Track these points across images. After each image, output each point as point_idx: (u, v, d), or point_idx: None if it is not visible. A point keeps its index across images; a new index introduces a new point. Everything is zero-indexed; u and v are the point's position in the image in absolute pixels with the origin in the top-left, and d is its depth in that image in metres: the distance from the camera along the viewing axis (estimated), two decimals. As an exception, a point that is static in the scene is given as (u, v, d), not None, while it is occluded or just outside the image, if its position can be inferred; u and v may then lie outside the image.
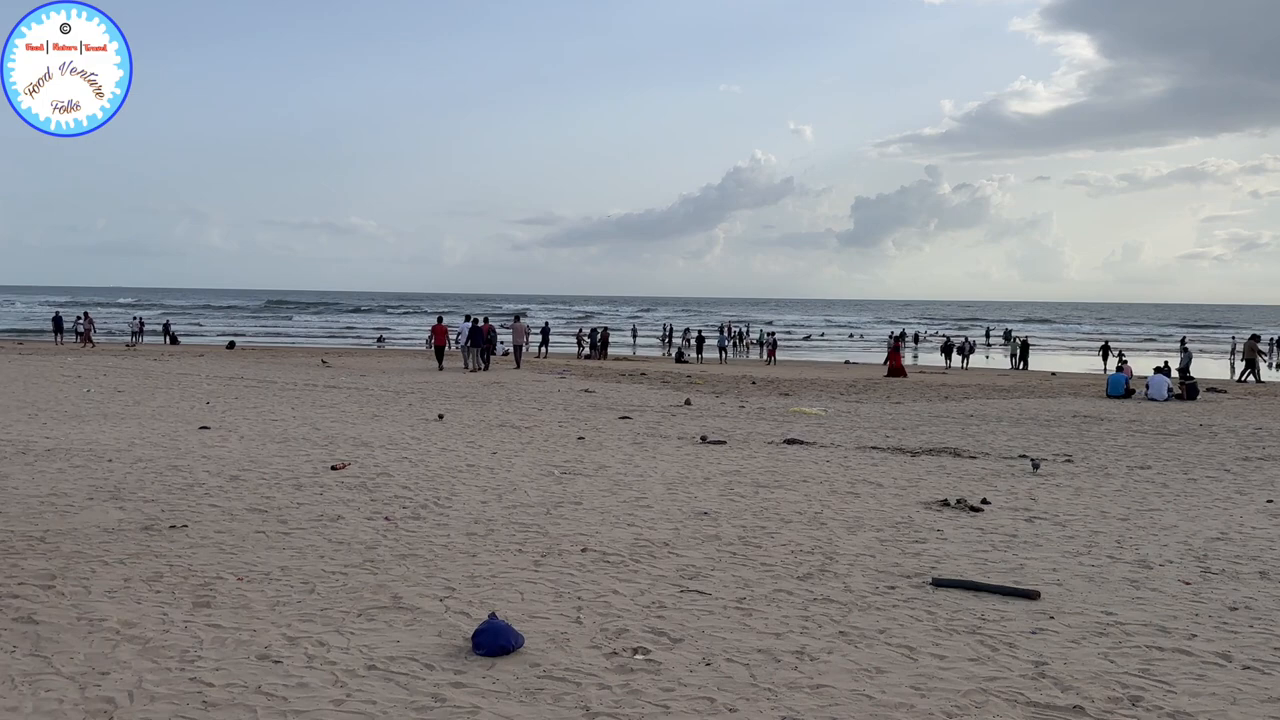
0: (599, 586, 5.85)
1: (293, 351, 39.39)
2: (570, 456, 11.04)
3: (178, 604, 5.25)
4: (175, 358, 31.84)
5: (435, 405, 16.95)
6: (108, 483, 8.53)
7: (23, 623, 4.85)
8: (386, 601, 5.43)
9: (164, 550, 6.33)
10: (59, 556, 6.07)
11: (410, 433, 12.97)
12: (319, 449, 11.10)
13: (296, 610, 5.21)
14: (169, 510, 7.51)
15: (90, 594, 5.35)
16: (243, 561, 6.13)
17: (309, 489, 8.60)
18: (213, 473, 9.23)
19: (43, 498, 7.81)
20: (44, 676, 4.19)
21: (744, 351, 47.58)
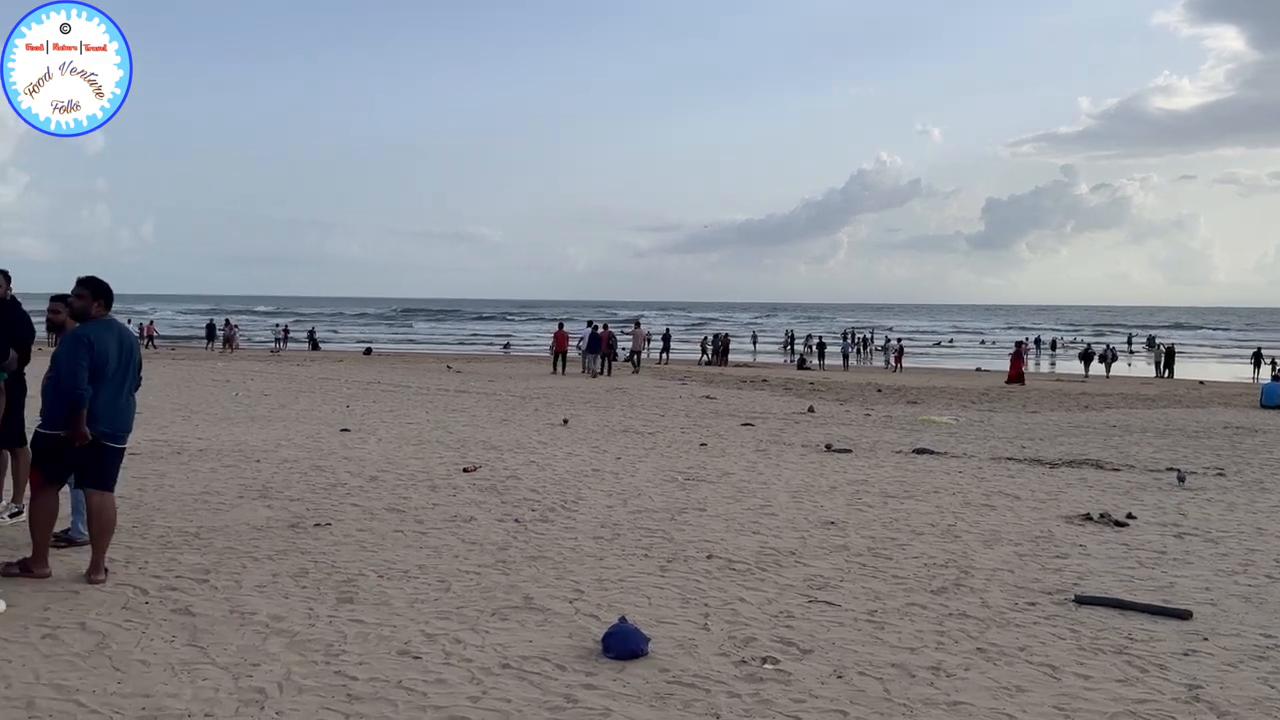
0: (725, 594, 5.82)
1: (423, 358, 40.67)
2: (693, 463, 11.05)
3: (322, 599, 5.47)
4: (316, 363, 33.30)
5: (560, 410, 17.22)
6: (256, 482, 8.97)
7: (181, 614, 5.13)
8: (518, 602, 5.54)
9: (309, 547, 6.61)
10: (213, 552, 6.41)
11: (537, 437, 13.21)
12: (451, 451, 11.41)
13: (434, 608, 5.36)
14: (313, 509, 7.85)
15: (241, 588, 5.63)
16: (382, 559, 6.36)
17: (443, 490, 8.85)
18: (353, 473, 9.60)
19: (197, 495, 8.26)
20: (200, 666, 4.42)
21: (868, 358, 46.70)
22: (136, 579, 5.71)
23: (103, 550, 5.71)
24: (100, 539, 5.70)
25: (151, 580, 5.70)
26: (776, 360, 46.56)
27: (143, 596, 5.39)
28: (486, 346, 57.84)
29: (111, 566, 5.78)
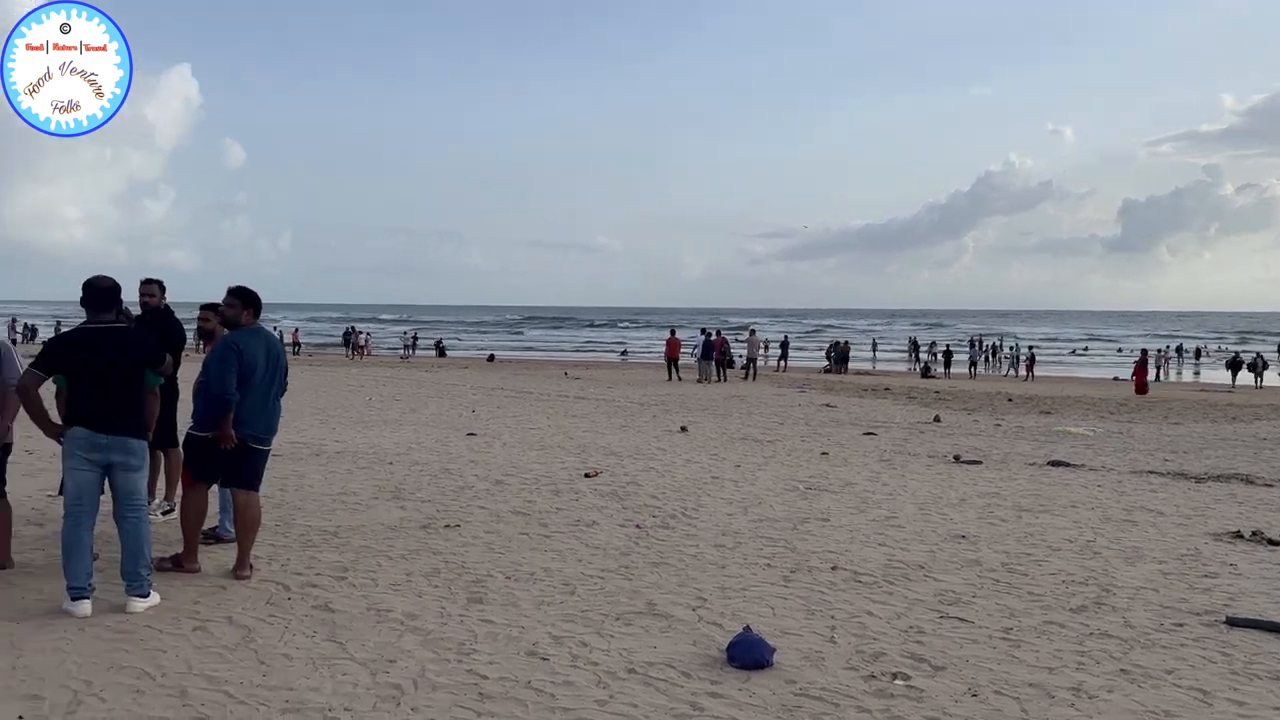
0: (852, 606, 5.72)
1: (543, 364, 41.35)
2: (814, 472, 10.90)
3: (453, 599, 5.61)
4: (443, 369, 34.25)
5: (677, 417, 17.24)
6: (389, 483, 9.28)
7: (321, 610, 5.34)
8: (642, 607, 5.56)
9: (440, 547, 6.79)
10: (350, 550, 6.66)
11: (656, 444, 13.26)
12: (573, 457, 11.56)
13: (560, 610, 5.44)
14: (443, 510, 8.06)
15: (377, 586, 5.83)
16: (509, 561, 6.48)
17: (566, 494, 8.97)
18: (480, 476, 9.83)
19: (334, 496, 8.59)
20: (340, 661, 4.59)
21: (997, 366, 45.21)
22: (279, 575, 5.97)
23: (248, 547, 5.99)
24: (246, 536, 5.99)
25: (293, 577, 5.95)
26: (898, 368, 45.55)
27: (285, 592, 5.63)
28: (604, 353, 58.41)
29: (256, 563, 6.06)
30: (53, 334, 32.86)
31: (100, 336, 5.25)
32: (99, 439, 5.14)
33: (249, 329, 6.01)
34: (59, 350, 5.32)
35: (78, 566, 5.12)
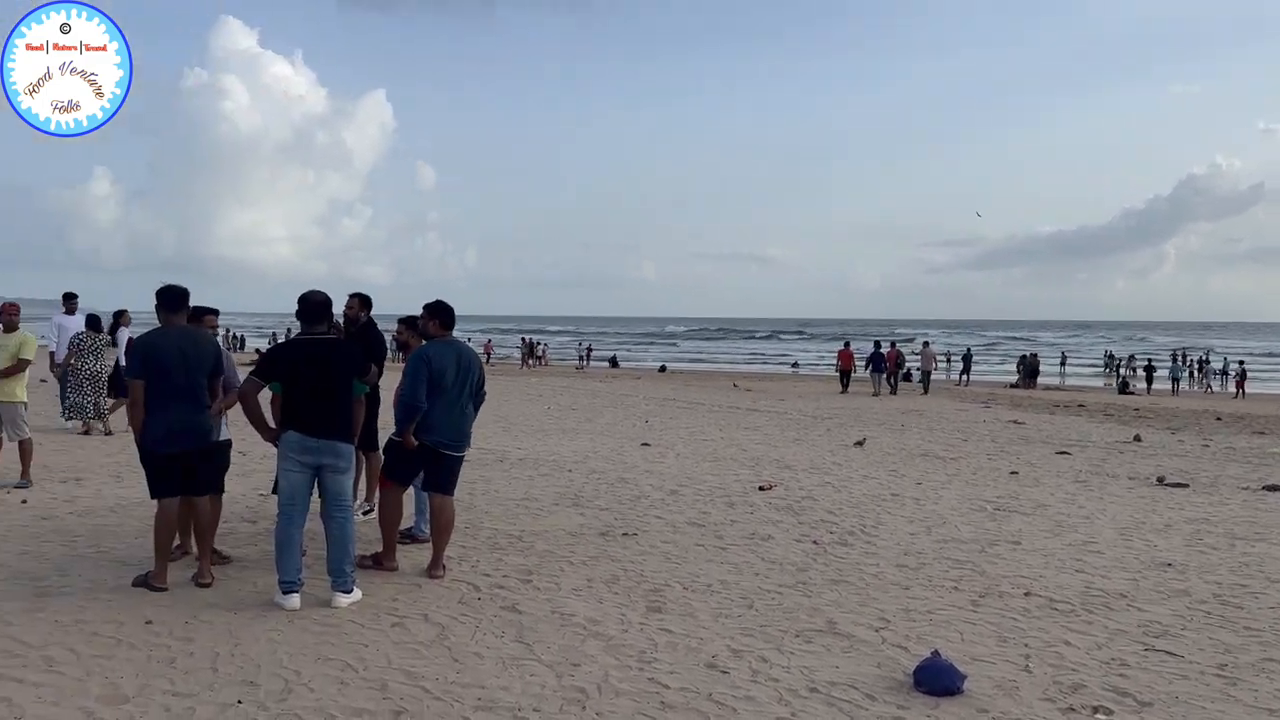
0: (1048, 635, 5.43)
1: (714, 376, 41.38)
2: (1003, 492, 10.43)
3: (633, 606, 5.69)
4: (617, 380, 34.84)
5: (852, 431, 16.89)
6: (569, 490, 9.51)
7: (509, 611, 5.53)
8: (822, 625, 5.47)
9: (619, 555, 6.91)
10: (534, 554, 6.86)
11: (831, 458, 13.03)
12: (746, 469, 11.51)
13: (738, 624, 5.42)
14: (620, 519, 8.20)
15: (560, 590, 5.98)
16: (686, 572, 6.51)
17: (740, 507, 8.94)
18: (655, 486, 9.94)
19: (518, 501, 8.87)
20: (527, 662, 4.74)
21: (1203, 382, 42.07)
22: (469, 576, 6.22)
23: (442, 548, 6.27)
24: (440, 538, 6.27)
25: (482, 578, 6.18)
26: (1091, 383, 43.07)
27: (475, 592, 5.86)
28: (775, 365, 57.96)
29: (448, 563, 6.33)
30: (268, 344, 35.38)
31: (313, 347, 5.63)
32: (310, 442, 5.51)
33: (441, 340, 6.29)
34: (276, 359, 5.73)
35: (289, 562, 5.50)
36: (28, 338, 8.95)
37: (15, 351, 8.76)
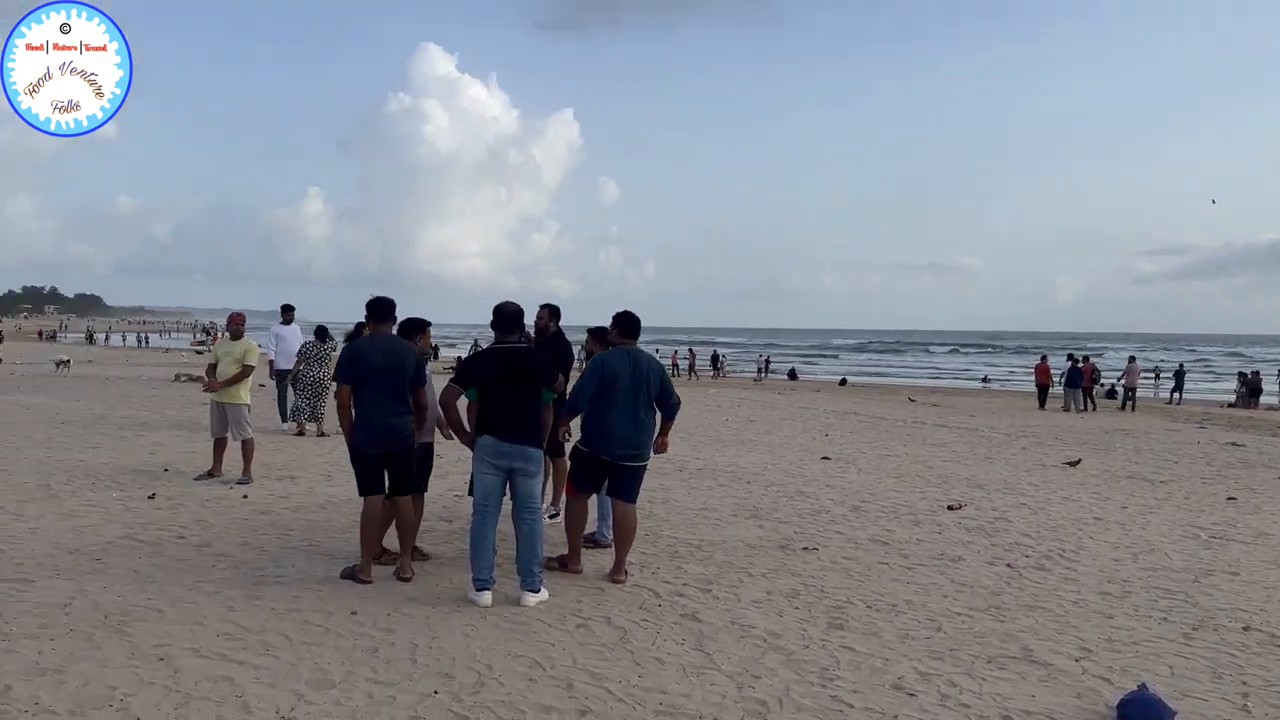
0: (1269, 673, 4.99)
1: (897, 390, 40.23)
2: (1219, 519, 9.65)
3: (814, 622, 5.61)
4: (795, 392, 34.47)
5: (1050, 450, 16.04)
6: (747, 502, 9.48)
7: (689, 619, 5.56)
8: (1016, 652, 5.22)
9: (799, 569, 6.83)
10: (713, 564, 6.88)
11: (1027, 478, 12.41)
12: (933, 487, 11.13)
13: (925, 646, 5.25)
14: (800, 532, 8.10)
15: (740, 601, 5.97)
16: (870, 590, 6.36)
17: (927, 526, 8.66)
18: (836, 501, 9.76)
19: (697, 510, 8.92)
20: (708, 671, 4.75)
21: None
22: (650, 582, 6.30)
23: (624, 554, 6.38)
24: (622, 544, 6.38)
25: (662, 585, 6.25)
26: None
27: (656, 599, 5.93)
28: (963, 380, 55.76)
29: (629, 569, 6.43)
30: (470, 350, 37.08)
31: (506, 355, 5.87)
32: (503, 446, 5.74)
33: (620, 349, 6.39)
34: (472, 367, 6.00)
35: (482, 560, 5.74)
36: (251, 345, 9.75)
37: (240, 358, 9.55)
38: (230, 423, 9.58)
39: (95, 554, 6.49)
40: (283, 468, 10.48)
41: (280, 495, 8.91)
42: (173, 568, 6.23)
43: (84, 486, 8.94)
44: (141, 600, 5.47)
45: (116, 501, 8.30)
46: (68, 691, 4.15)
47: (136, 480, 9.39)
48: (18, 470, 9.67)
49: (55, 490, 8.69)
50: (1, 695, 4.07)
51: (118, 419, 15.06)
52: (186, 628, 5.04)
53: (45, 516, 7.58)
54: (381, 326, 6.27)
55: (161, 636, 4.89)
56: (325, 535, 7.32)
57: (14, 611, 5.18)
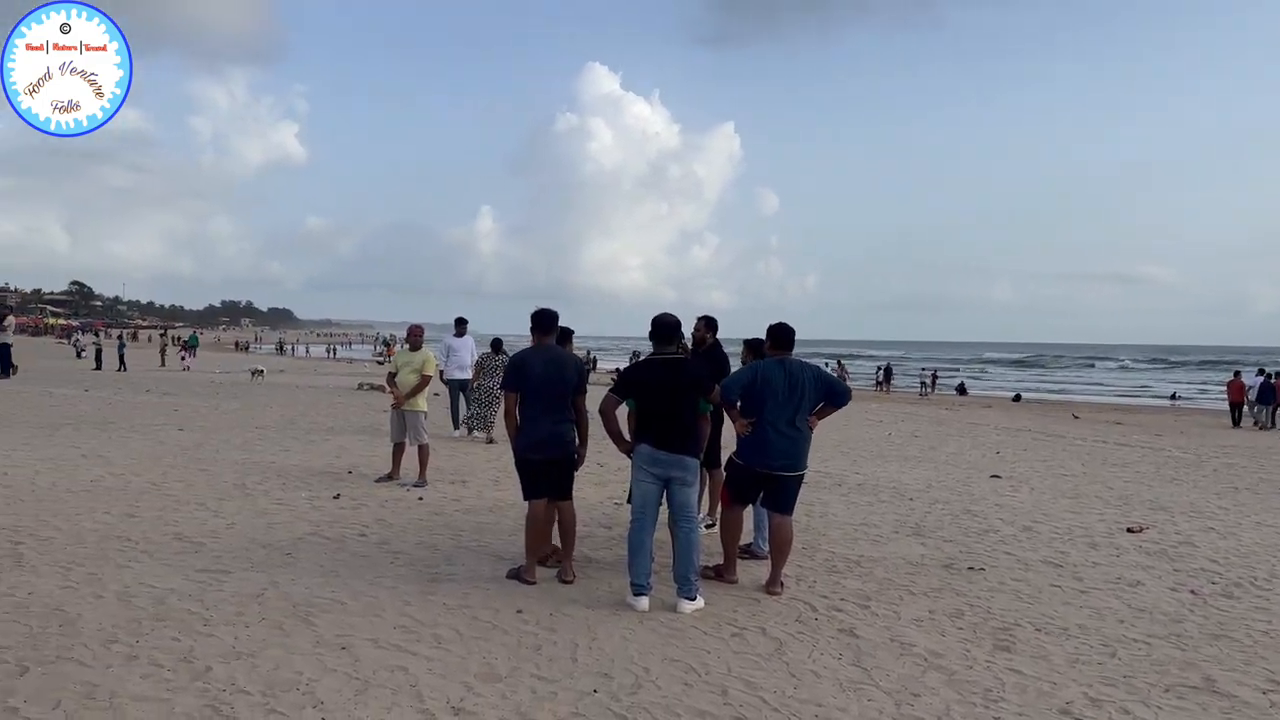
0: None
1: (1077, 407, 38.28)
2: None
3: (979, 643, 5.45)
4: (964, 408, 33.33)
5: (1245, 471, 14.93)
6: (910, 519, 9.27)
7: (846, 634, 5.51)
8: (1197, 682, 4.93)
9: (964, 589, 6.64)
10: (873, 580, 6.77)
11: (1216, 501, 11.61)
12: (1112, 509, 10.57)
13: (1097, 672, 5.02)
14: (966, 552, 7.86)
15: (900, 619, 5.86)
16: (1039, 612, 6.13)
17: (1104, 549, 8.24)
18: (1005, 521, 9.42)
19: (856, 526, 8.79)
20: (865, 686, 4.70)
21: None
22: (806, 595, 6.27)
23: (780, 566, 6.38)
24: (779, 556, 6.38)
25: (819, 599, 6.21)
26: None
27: (812, 612, 5.90)
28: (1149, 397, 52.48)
29: (785, 581, 6.42)
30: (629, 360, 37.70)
31: (663, 367, 5.99)
32: (660, 455, 5.86)
33: (774, 359, 6.37)
34: (631, 378, 6.16)
35: (639, 566, 5.86)
36: (429, 356, 10.28)
37: (420, 368, 10.09)
38: (408, 429, 10.11)
39: (285, 549, 6.99)
40: (454, 472, 10.98)
41: (452, 498, 9.34)
42: (354, 563, 6.65)
43: (275, 486, 9.64)
44: (326, 593, 5.88)
45: (305, 501, 8.91)
46: (260, 674, 4.51)
47: (323, 481, 10.05)
48: (217, 470, 10.52)
49: (250, 490, 9.41)
50: (202, 675, 4.46)
51: (306, 424, 16.12)
52: (366, 619, 5.38)
53: (241, 513, 8.22)
54: (545, 338, 6.51)
55: (343, 627, 5.24)
56: (493, 537, 7.64)
57: (214, 599, 5.66)
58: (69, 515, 7.81)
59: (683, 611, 5.75)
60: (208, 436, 13.71)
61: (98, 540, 7.01)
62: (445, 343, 15.28)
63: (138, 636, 4.94)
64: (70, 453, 11.39)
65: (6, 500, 8.31)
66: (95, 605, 5.44)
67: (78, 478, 9.64)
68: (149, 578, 6.05)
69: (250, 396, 22.23)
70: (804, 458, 6.37)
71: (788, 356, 6.39)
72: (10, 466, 10.12)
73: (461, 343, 15.18)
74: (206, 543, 7.09)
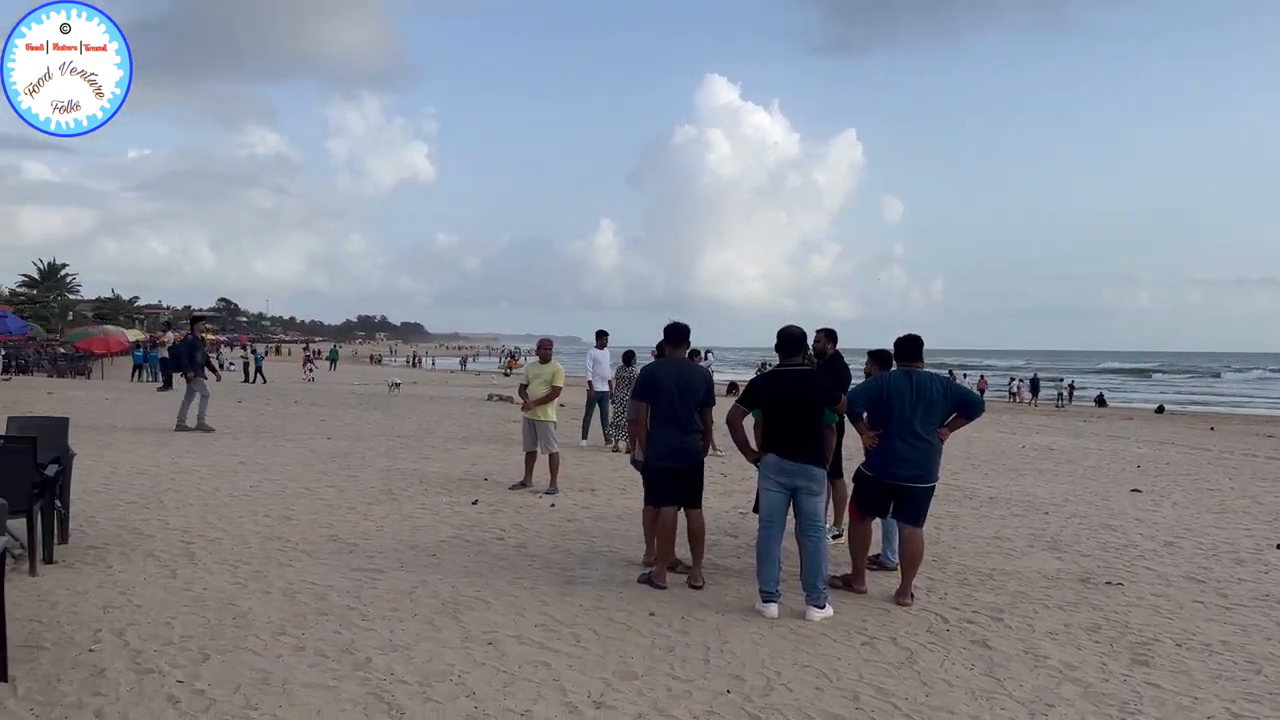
0: None
1: (1228, 419, 36.32)
2: None
3: (1116, 657, 5.38)
4: (1103, 420, 32.08)
5: None
6: (1045, 533, 9.09)
7: (978, 646, 5.51)
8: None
9: (1100, 603, 6.52)
10: (1005, 593, 6.72)
11: (1382, 519, 10.93)
12: (1261, 524, 10.11)
13: (1241, 688, 4.90)
14: (1104, 566, 7.69)
15: (1034, 632, 5.82)
16: (1180, 628, 5.98)
17: (1251, 565, 7.93)
18: (1145, 535, 9.14)
19: (988, 539, 8.68)
20: (998, 696, 4.72)
21: None
22: (937, 607, 6.28)
23: (910, 577, 6.41)
24: (909, 568, 6.41)
25: (951, 610, 6.21)
26: None
27: (944, 624, 5.92)
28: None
29: (916, 593, 6.44)
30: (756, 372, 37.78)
31: (790, 377, 6.12)
32: (786, 465, 5.98)
33: (899, 370, 6.41)
34: (758, 389, 6.30)
35: (768, 573, 6.00)
36: (559, 368, 10.64)
37: (549, 379, 10.46)
38: (539, 438, 10.49)
39: (431, 550, 7.40)
40: (583, 480, 11.30)
41: (583, 505, 9.65)
42: (495, 565, 6.99)
43: (419, 492, 10.14)
44: (471, 592, 6.22)
45: (446, 506, 9.37)
46: (415, 665, 4.84)
47: (461, 487, 10.52)
48: (365, 477, 11.12)
49: (396, 495, 9.93)
50: (364, 665, 4.82)
51: (442, 433, 16.79)
52: (509, 617, 5.69)
53: (389, 517, 8.71)
54: (676, 350, 6.72)
55: (489, 624, 5.55)
56: (623, 543, 7.89)
57: (370, 596, 6.06)
58: (233, 518, 8.43)
59: (812, 619, 5.86)
60: (354, 445, 14.46)
61: (260, 541, 7.56)
62: (590, 355, 15.62)
63: (303, 629, 5.36)
64: (230, 460, 12.22)
65: (177, 504, 9.02)
66: (263, 600, 5.90)
67: (238, 483, 10.36)
68: (310, 575, 6.52)
69: (389, 407, 23.22)
70: (934, 469, 6.37)
71: (916, 368, 6.42)
72: (178, 473, 10.94)
73: (603, 355, 15.52)
74: (359, 544, 7.56)
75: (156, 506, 8.83)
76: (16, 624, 5.06)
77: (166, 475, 10.69)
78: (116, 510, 8.57)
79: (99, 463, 11.36)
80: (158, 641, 5.05)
